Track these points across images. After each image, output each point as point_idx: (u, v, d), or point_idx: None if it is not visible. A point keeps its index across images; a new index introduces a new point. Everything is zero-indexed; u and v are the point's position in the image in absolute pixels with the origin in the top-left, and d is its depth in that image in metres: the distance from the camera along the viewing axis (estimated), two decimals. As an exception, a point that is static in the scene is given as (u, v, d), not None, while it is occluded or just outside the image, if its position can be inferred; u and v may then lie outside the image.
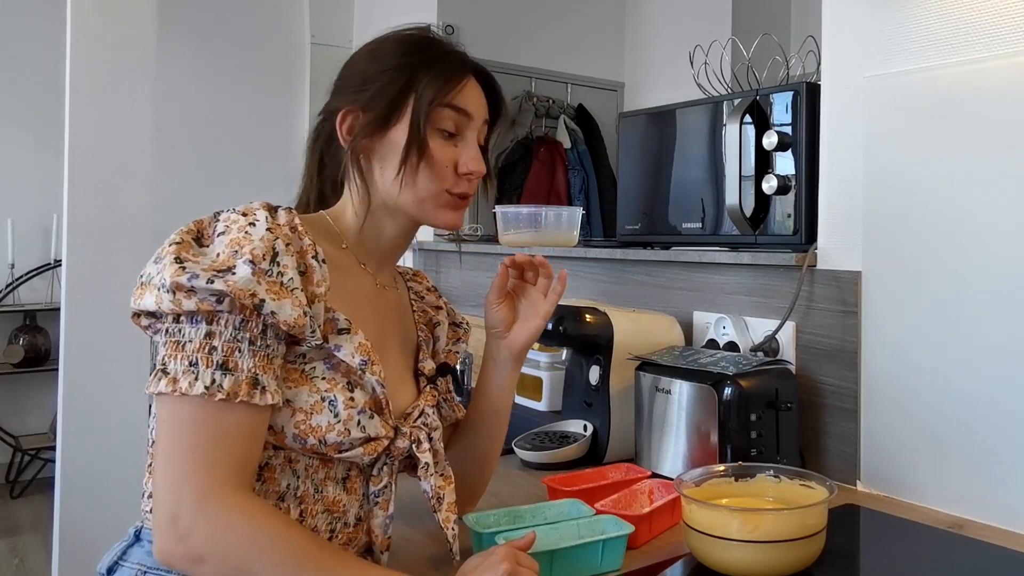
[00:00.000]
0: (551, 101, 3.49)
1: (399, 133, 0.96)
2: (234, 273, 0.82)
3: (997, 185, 1.18)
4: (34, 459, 4.13)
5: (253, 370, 0.83)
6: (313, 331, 0.87)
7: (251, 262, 0.83)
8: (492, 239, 2.25)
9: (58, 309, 2.38)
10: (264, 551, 0.79)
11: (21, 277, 4.26)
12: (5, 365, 4.16)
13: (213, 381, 0.81)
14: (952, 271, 1.23)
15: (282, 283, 0.85)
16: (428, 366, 1.07)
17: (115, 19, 2.37)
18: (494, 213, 1.16)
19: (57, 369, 2.36)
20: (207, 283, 0.80)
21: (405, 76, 0.97)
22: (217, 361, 0.82)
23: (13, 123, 4.24)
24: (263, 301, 0.82)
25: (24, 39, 4.22)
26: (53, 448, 2.89)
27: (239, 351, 0.83)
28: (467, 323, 1.21)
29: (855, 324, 1.36)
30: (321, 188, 1.07)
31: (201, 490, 0.79)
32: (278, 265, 0.85)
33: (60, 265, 2.65)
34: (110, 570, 0.92)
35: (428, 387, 1.06)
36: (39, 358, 4.21)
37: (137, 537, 0.93)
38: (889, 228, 1.32)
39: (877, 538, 1.15)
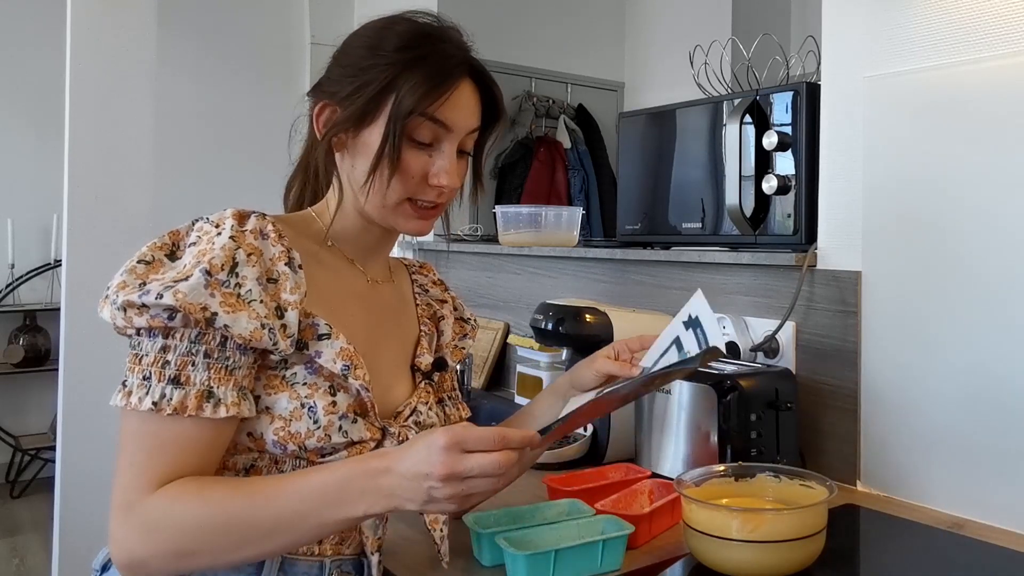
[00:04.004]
0: (551, 101, 3.48)
1: (373, 135, 0.91)
2: (187, 280, 0.80)
3: (997, 185, 1.18)
4: (34, 459, 4.14)
5: (207, 383, 0.81)
6: (275, 343, 0.84)
7: (207, 272, 0.81)
8: (492, 239, 2.25)
9: (58, 309, 2.38)
10: (193, 537, 0.78)
11: (21, 277, 4.26)
12: (5, 365, 4.16)
13: (163, 396, 0.80)
14: (952, 271, 1.23)
15: (239, 295, 0.82)
16: (425, 361, 1.05)
17: (115, 19, 2.37)
18: (494, 213, 1.16)
19: (57, 369, 2.35)
20: (156, 298, 0.78)
21: (388, 75, 0.90)
22: (169, 375, 0.81)
23: (13, 123, 4.24)
24: (215, 314, 0.80)
25: (24, 39, 4.23)
26: (53, 448, 2.89)
27: (193, 364, 0.81)
28: (474, 319, 1.18)
29: (855, 324, 1.36)
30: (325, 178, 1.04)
31: (128, 503, 0.79)
32: (236, 276, 0.83)
33: (60, 265, 2.65)
34: (104, 567, 0.93)
35: (423, 383, 1.04)
36: (39, 358, 4.21)
37: None
38: (889, 228, 1.32)
39: (877, 538, 1.15)
